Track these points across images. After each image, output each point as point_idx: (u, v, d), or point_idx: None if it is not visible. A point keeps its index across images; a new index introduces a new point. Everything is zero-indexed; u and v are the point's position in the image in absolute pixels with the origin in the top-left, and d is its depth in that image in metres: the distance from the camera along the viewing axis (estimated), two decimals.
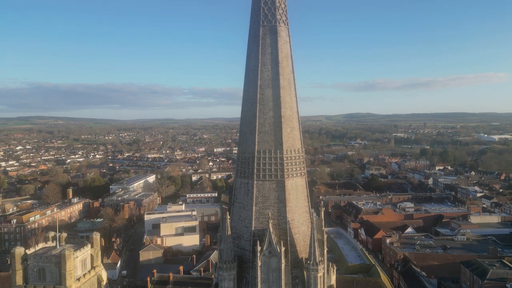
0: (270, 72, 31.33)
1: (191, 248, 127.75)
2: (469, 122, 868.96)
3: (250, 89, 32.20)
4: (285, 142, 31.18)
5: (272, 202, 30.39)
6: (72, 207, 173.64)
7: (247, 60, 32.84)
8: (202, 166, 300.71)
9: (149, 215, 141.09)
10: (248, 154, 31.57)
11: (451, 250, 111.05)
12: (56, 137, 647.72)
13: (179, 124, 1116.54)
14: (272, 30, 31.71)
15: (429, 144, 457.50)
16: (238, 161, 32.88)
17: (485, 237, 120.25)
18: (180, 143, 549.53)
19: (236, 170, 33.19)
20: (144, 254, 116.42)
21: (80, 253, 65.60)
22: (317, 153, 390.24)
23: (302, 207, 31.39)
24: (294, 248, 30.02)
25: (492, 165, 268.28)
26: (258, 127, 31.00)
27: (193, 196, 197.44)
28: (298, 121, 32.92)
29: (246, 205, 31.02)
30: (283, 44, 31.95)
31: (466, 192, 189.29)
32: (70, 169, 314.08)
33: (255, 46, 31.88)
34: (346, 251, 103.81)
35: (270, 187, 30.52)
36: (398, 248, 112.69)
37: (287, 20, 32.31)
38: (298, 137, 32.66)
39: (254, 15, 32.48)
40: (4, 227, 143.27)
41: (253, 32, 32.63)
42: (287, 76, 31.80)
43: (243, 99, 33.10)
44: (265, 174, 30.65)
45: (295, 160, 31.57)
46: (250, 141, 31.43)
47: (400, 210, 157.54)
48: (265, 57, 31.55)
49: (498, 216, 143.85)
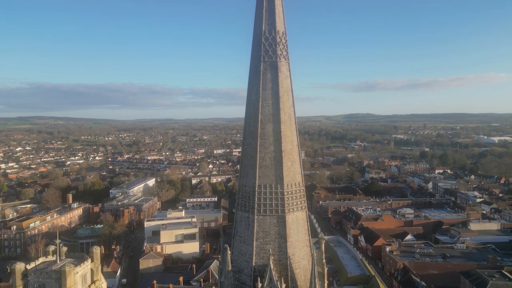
0: (271, 107, 31.48)
1: (191, 255, 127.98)
2: (469, 123, 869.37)
3: (251, 123, 32.34)
4: (286, 176, 31.31)
5: (273, 237, 30.53)
6: (72, 212, 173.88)
7: (248, 94, 33.00)
8: (202, 169, 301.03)
9: (149, 222, 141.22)
10: (248, 188, 31.70)
11: (450, 258, 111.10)
12: (56, 138, 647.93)
13: (179, 125, 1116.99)
14: (272, 66, 31.85)
15: (429, 146, 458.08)
16: (239, 194, 32.99)
17: (485, 245, 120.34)
18: (180, 145, 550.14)
19: (236, 203, 33.29)
20: (144, 262, 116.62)
21: (80, 268, 65.81)
22: (317, 155, 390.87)
23: (303, 241, 31.54)
24: (295, 284, 30.17)
25: (491, 168, 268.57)
26: (259, 162, 31.15)
27: (193, 201, 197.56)
28: (298, 154, 33.04)
29: (246, 240, 31.14)
30: (284, 79, 32.08)
31: (466, 197, 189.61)
32: (70, 172, 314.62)
33: (256, 80, 32.01)
34: (346, 260, 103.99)
35: (271, 222, 30.66)
36: (398, 257, 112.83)
37: (288, 55, 32.43)
38: (298, 171, 32.79)
39: (255, 50, 32.60)
40: (4, 234, 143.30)
41: (254, 66, 32.78)
42: (288, 111, 31.95)
43: (244, 132, 33.22)
44: (266, 209, 30.78)
45: (295, 194, 31.69)
46: (251, 175, 31.57)
47: (400, 216, 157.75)
48: (265, 92, 31.70)
49: (497, 223, 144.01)
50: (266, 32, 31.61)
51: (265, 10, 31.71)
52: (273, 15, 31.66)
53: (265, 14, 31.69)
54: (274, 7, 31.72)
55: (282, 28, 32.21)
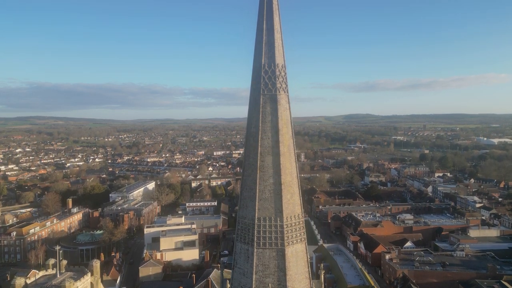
0: (271, 139, 31.57)
1: (190, 262, 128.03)
2: (469, 124, 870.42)
3: (250, 155, 32.42)
4: (285, 209, 31.39)
5: (272, 271, 30.63)
6: (71, 217, 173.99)
7: (247, 125, 33.09)
8: (201, 172, 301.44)
9: (149, 229, 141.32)
10: (248, 220, 31.80)
11: (450, 267, 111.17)
12: (56, 138, 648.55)
13: (178, 125, 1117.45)
14: (272, 99, 31.93)
15: (429, 148, 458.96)
16: (238, 225, 33.09)
17: (484, 253, 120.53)
18: (179, 146, 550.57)
19: (236, 233, 33.38)
20: (144, 270, 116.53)
21: (80, 283, 65.94)
22: (316, 158, 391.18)
23: (302, 273, 31.66)
24: None
25: (491, 172, 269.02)
26: (259, 194, 31.26)
27: (192, 205, 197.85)
28: (298, 186, 33.12)
29: (246, 272, 31.24)
30: (283, 111, 32.17)
31: (465, 202, 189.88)
32: (69, 174, 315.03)
33: (256, 113, 32.08)
34: (345, 269, 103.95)
35: (270, 255, 30.77)
36: (398, 265, 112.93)
37: (287, 87, 32.51)
38: (298, 202, 32.86)
39: (255, 83, 32.66)
40: (4, 240, 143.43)
41: (254, 98, 32.85)
42: (287, 143, 32.04)
43: (244, 163, 33.29)
44: (265, 242, 30.88)
45: (295, 227, 31.79)
46: (250, 207, 31.66)
47: (399, 222, 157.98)
48: (265, 125, 31.79)
49: (497, 230, 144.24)
50: (265, 66, 31.71)
51: (265, 44, 31.80)
52: (272, 48, 31.77)
53: (264, 47, 31.79)
54: (273, 40, 31.80)
55: (281, 61, 32.31)
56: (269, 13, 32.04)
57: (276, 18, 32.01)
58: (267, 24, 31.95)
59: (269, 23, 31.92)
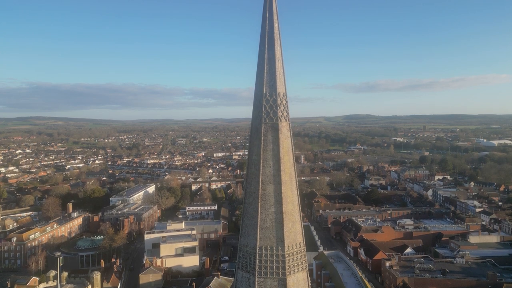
0: (272, 168, 31.58)
1: (190, 269, 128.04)
2: (469, 125, 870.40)
3: (252, 183, 32.45)
4: (287, 238, 31.41)
5: None
6: (72, 222, 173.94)
7: (249, 154, 33.09)
8: (201, 174, 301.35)
9: (149, 235, 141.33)
10: (249, 248, 31.82)
11: (450, 274, 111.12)
12: (56, 139, 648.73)
13: (178, 125, 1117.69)
14: (273, 127, 31.92)
15: (429, 149, 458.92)
16: (240, 253, 33.12)
17: (484, 260, 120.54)
18: (179, 147, 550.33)
19: (237, 261, 33.38)
20: (144, 277, 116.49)
21: None
22: (316, 159, 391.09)
23: None
24: None
25: (491, 175, 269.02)
26: (260, 223, 31.28)
27: (193, 209, 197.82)
28: (299, 214, 33.12)
29: None
30: (285, 140, 32.19)
31: (465, 207, 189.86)
32: (69, 176, 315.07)
33: (257, 141, 32.10)
34: (345, 277, 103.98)
35: (271, 285, 30.79)
36: (398, 272, 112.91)
37: (288, 115, 32.53)
38: (299, 231, 32.86)
39: (256, 111, 32.67)
40: (4, 246, 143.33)
41: (255, 126, 32.89)
42: (288, 171, 32.07)
43: (245, 191, 33.33)
44: (267, 272, 30.89)
45: (296, 255, 31.79)
46: (252, 235, 31.68)
47: (399, 227, 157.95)
48: (266, 153, 31.80)
49: (497, 236, 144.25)
50: (267, 95, 31.72)
51: (266, 73, 31.79)
52: (273, 77, 31.78)
53: (266, 76, 31.77)
54: (274, 70, 31.81)
55: (282, 90, 32.33)
56: (271, 43, 32.05)
57: (277, 48, 32.01)
58: (268, 54, 31.96)
59: (271, 53, 31.95)
